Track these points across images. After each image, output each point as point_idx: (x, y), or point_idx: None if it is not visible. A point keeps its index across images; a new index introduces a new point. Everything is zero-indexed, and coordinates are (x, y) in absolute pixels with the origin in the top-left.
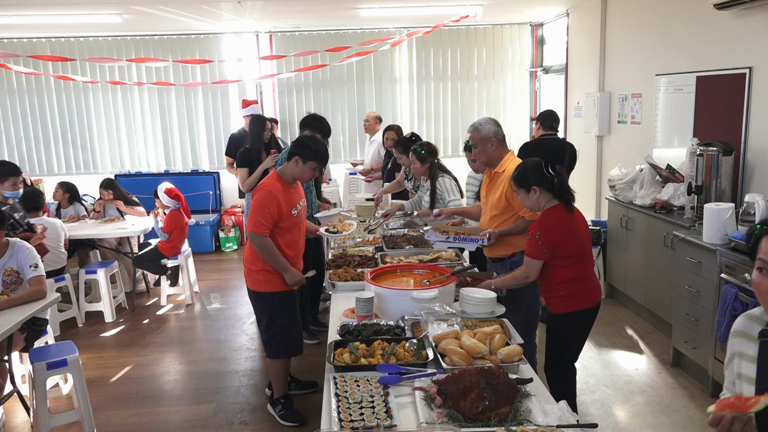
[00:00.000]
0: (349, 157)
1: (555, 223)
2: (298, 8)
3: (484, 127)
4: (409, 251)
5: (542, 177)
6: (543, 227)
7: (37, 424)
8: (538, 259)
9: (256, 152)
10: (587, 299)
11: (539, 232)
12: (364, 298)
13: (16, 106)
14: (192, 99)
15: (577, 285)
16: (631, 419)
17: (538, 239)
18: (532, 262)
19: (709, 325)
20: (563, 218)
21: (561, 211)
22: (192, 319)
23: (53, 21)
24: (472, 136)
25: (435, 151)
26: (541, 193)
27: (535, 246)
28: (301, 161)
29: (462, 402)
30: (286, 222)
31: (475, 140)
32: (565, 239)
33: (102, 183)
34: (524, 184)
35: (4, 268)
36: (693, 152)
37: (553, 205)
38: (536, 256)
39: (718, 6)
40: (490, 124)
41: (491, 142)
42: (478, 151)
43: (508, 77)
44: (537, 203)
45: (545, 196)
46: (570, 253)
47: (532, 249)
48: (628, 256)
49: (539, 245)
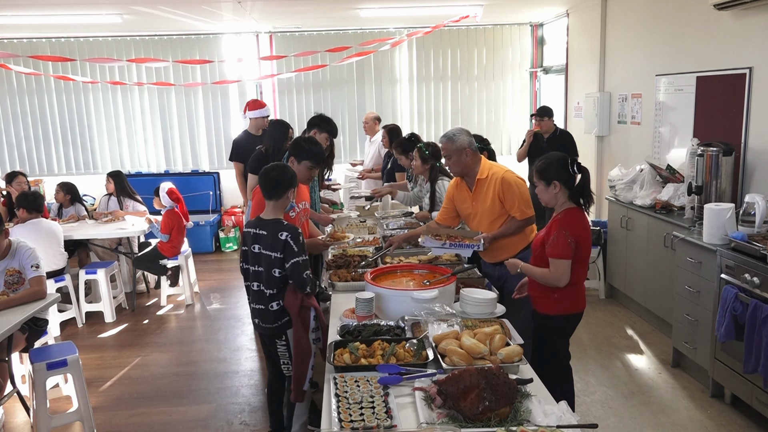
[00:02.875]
0: (349, 157)
1: (582, 223)
2: (298, 8)
3: (458, 137)
4: (409, 251)
5: (566, 174)
6: (571, 225)
7: (37, 424)
8: (568, 258)
9: (275, 159)
10: (576, 305)
11: (568, 231)
12: (364, 299)
13: (16, 106)
14: (192, 99)
15: (572, 289)
16: (631, 419)
17: (567, 236)
18: (562, 263)
19: (709, 326)
20: (585, 219)
21: (582, 214)
22: (192, 320)
23: (53, 21)
24: (445, 146)
25: (439, 154)
26: (560, 189)
27: (565, 245)
28: (296, 162)
29: (462, 402)
30: None
31: (449, 151)
32: (585, 240)
33: (109, 173)
34: (546, 176)
35: (6, 268)
36: (693, 152)
37: (573, 207)
38: (566, 255)
39: (718, 6)
40: (464, 135)
41: (466, 152)
42: (453, 162)
43: (508, 77)
44: (554, 198)
45: (563, 194)
46: (580, 257)
47: (562, 249)
48: (628, 257)
49: (568, 244)
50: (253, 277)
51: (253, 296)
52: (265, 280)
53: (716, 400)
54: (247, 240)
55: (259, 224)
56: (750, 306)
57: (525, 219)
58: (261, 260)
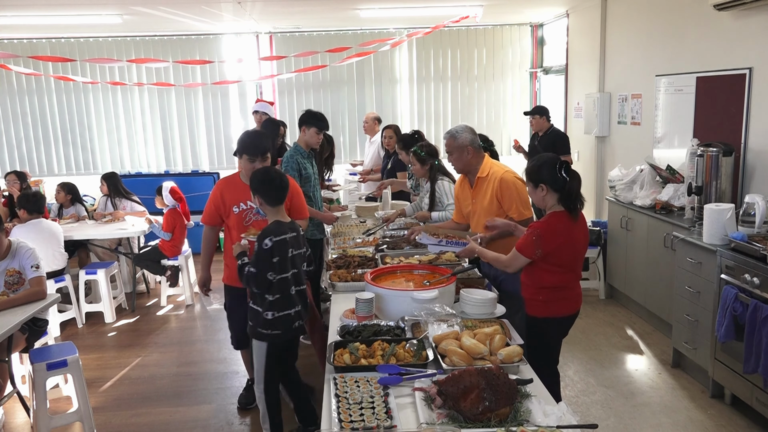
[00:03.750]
0: (349, 157)
1: (558, 230)
2: (298, 9)
3: (460, 135)
4: (408, 251)
5: (554, 176)
6: (545, 231)
7: (37, 424)
8: (526, 257)
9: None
10: (566, 307)
11: (539, 233)
12: (364, 299)
13: (17, 106)
14: (192, 99)
15: (560, 293)
16: (631, 420)
17: (536, 240)
18: (519, 257)
19: (710, 326)
20: (567, 226)
21: (565, 219)
22: (192, 320)
23: (53, 21)
24: (448, 143)
25: (436, 152)
26: (548, 192)
27: (530, 245)
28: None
29: (462, 402)
30: (230, 220)
31: (451, 147)
32: (563, 248)
33: (102, 175)
34: (534, 178)
35: (6, 269)
36: (693, 153)
37: (560, 211)
38: (526, 253)
39: (718, 6)
40: (467, 132)
41: (467, 150)
42: (454, 159)
43: (508, 78)
44: (543, 201)
45: (552, 197)
46: (563, 261)
47: (525, 246)
48: (628, 257)
49: (533, 246)
50: (293, 281)
51: (292, 300)
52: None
53: (716, 401)
54: (283, 248)
55: (287, 228)
56: (750, 306)
57: (523, 220)
58: (296, 262)
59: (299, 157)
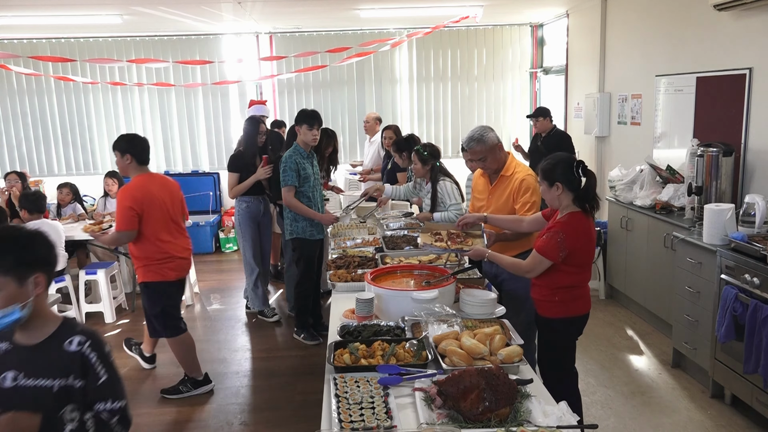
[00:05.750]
0: (349, 157)
1: (580, 230)
2: (298, 9)
3: (486, 136)
4: (409, 252)
5: (570, 176)
6: (568, 231)
7: None
8: (550, 259)
9: (250, 157)
10: (580, 307)
11: (563, 235)
12: (364, 299)
13: (17, 106)
14: (192, 100)
15: (574, 291)
16: (631, 420)
17: (560, 242)
18: (542, 261)
19: (710, 326)
20: (586, 226)
21: (584, 219)
22: (192, 320)
23: (53, 22)
24: (477, 150)
25: (438, 153)
26: (563, 191)
27: (555, 247)
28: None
29: (462, 403)
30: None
31: (482, 153)
32: (583, 248)
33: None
34: (549, 177)
35: None
36: (693, 153)
37: (577, 211)
38: (550, 256)
39: (718, 7)
40: (489, 131)
41: (498, 147)
42: (489, 162)
43: (508, 78)
44: (557, 200)
45: (567, 196)
46: (581, 261)
47: (550, 249)
48: (628, 257)
49: (558, 248)
50: None
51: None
52: None
53: (716, 401)
54: None
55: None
56: (750, 306)
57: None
58: None
59: (298, 157)
